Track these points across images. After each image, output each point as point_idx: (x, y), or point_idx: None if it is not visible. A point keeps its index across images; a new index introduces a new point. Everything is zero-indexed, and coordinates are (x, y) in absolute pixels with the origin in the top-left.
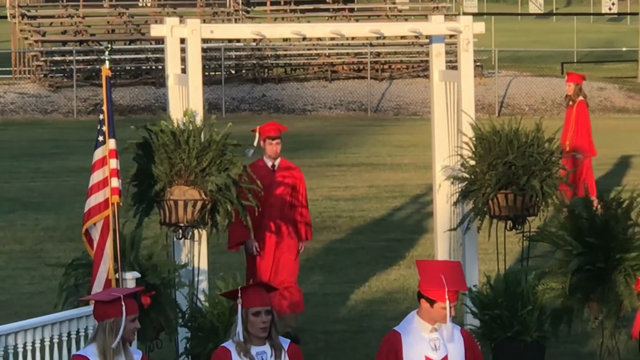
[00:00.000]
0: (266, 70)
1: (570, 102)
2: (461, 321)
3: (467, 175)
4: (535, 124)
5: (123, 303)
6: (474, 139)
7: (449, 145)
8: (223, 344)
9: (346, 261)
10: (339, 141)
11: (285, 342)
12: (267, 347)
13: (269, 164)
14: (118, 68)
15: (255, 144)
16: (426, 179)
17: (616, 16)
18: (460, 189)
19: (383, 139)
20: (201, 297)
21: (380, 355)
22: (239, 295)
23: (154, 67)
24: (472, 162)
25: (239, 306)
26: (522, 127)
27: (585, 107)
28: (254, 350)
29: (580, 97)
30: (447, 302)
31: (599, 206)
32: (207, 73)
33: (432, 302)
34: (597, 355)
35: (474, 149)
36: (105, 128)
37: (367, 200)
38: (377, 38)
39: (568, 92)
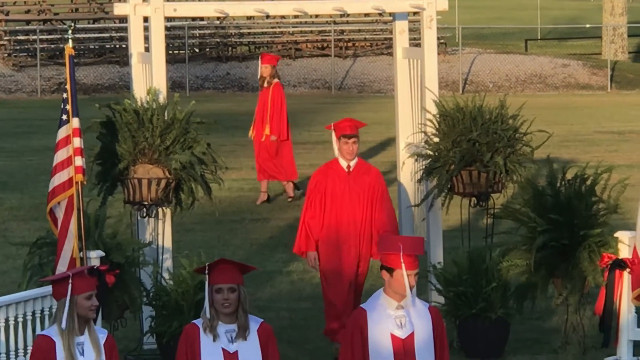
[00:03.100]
0: (230, 48)
1: (266, 84)
2: (426, 298)
3: (431, 153)
4: (499, 100)
5: (70, 281)
6: (437, 116)
7: (412, 122)
8: (193, 321)
9: None
10: (303, 119)
11: (256, 321)
12: (235, 325)
13: (344, 165)
14: (82, 47)
15: (334, 144)
16: (390, 157)
17: None
18: (424, 166)
19: (347, 116)
20: (165, 275)
21: (346, 332)
22: (207, 272)
23: (117, 46)
24: (436, 139)
25: (206, 283)
26: (486, 104)
27: (282, 89)
28: (223, 327)
29: (276, 80)
30: (403, 266)
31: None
32: (170, 51)
33: (391, 271)
34: (562, 331)
35: (437, 126)
36: (68, 107)
37: None
38: (341, 16)
39: (263, 74)
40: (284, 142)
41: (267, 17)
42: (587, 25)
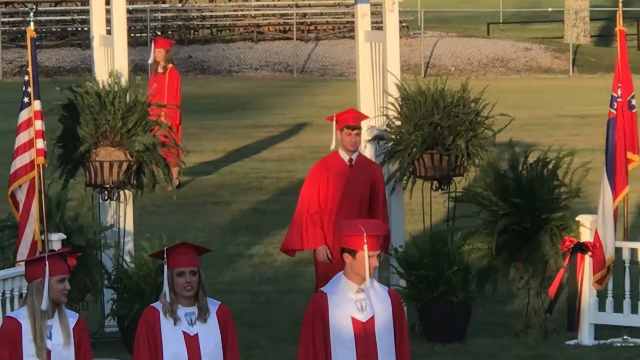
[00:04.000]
0: (192, 31)
1: (161, 69)
2: (387, 281)
3: (393, 136)
4: (461, 84)
5: (47, 262)
6: (399, 99)
7: (374, 105)
8: (152, 304)
9: (272, 222)
10: (265, 102)
11: (214, 304)
12: (195, 308)
13: (346, 158)
14: (44, 29)
15: (334, 134)
16: None
17: None
18: (385, 149)
19: (309, 99)
20: (127, 258)
21: (307, 316)
22: (165, 255)
23: (79, 29)
24: (398, 123)
25: (165, 267)
26: (448, 88)
27: (178, 74)
28: (183, 310)
29: (170, 64)
30: (366, 247)
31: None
32: (132, 34)
33: (354, 253)
34: (523, 314)
35: (399, 110)
36: (30, 89)
37: (293, 161)
38: None
39: (157, 58)
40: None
41: (229, 0)
42: (549, 9)
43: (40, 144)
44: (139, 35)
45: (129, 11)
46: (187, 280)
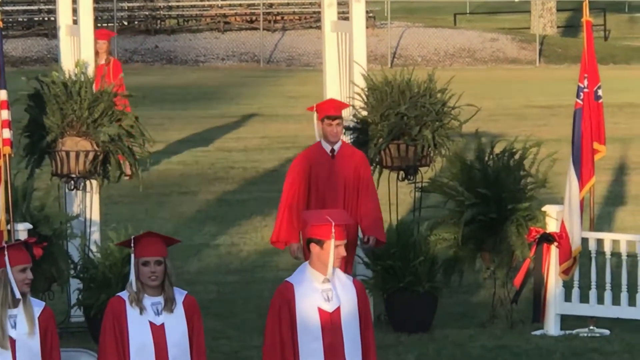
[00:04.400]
0: (159, 21)
1: (104, 61)
2: (354, 272)
3: (359, 126)
4: (427, 74)
5: (6, 253)
6: (366, 89)
7: (341, 96)
8: (118, 294)
9: (238, 212)
10: (232, 92)
11: (181, 294)
12: (162, 298)
13: (328, 148)
14: (10, 19)
15: (315, 124)
16: None
17: None
18: (352, 140)
19: (275, 90)
20: (93, 248)
21: (273, 307)
22: (132, 244)
23: (46, 19)
24: (364, 113)
25: (132, 256)
26: (415, 78)
27: (120, 65)
28: (149, 300)
29: (112, 56)
30: (334, 237)
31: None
32: (99, 24)
33: (321, 243)
34: (489, 305)
35: (366, 100)
36: None
37: (259, 151)
38: None
39: (99, 50)
40: None
41: None
42: (516, 0)
43: (6, 133)
44: (106, 25)
45: (95, 1)
46: (152, 270)
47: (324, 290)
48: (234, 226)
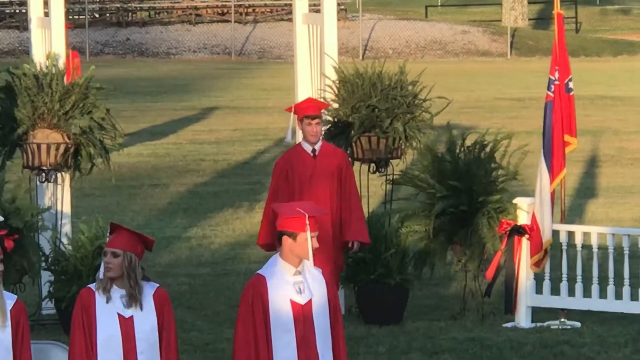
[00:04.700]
0: (130, 13)
1: None
2: None
3: (330, 118)
4: (398, 67)
5: None
6: (337, 82)
7: (312, 88)
8: (89, 285)
9: (210, 204)
10: (203, 85)
11: (152, 287)
12: (128, 291)
13: (309, 149)
14: None
15: (290, 125)
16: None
17: None
18: (323, 132)
19: (247, 82)
20: (64, 240)
21: (245, 299)
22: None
23: (17, 11)
24: (336, 105)
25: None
26: (386, 70)
27: (78, 55)
28: (118, 292)
29: (70, 48)
30: (308, 229)
31: None
32: (70, 16)
33: (294, 236)
34: (460, 297)
35: (337, 92)
36: None
37: (230, 143)
38: None
39: None
40: None
41: None
42: None
43: None
44: (77, 17)
45: None
46: (107, 261)
47: (296, 283)
48: (205, 218)
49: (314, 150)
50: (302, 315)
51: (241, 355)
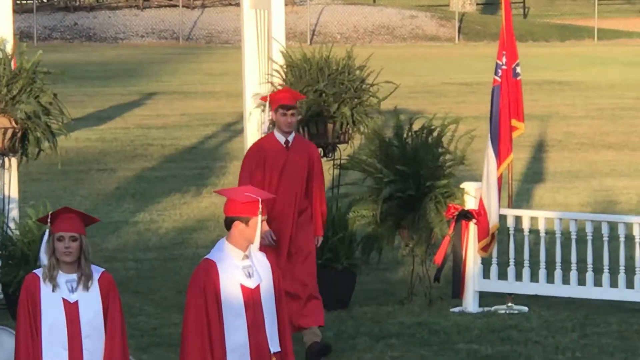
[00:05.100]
0: None
1: None
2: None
3: None
4: (346, 51)
5: None
6: (284, 66)
7: (259, 73)
8: (34, 271)
9: (157, 189)
10: (151, 69)
11: (97, 271)
12: (76, 275)
13: (282, 140)
14: None
15: (266, 115)
16: (237, 107)
17: None
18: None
19: (195, 67)
20: (12, 225)
21: (196, 284)
22: (49, 220)
23: None
24: None
25: (47, 232)
26: (333, 55)
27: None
28: (64, 277)
29: None
30: (260, 212)
31: None
32: (18, 1)
33: (247, 220)
34: (408, 282)
35: (284, 77)
36: None
37: (178, 128)
38: None
39: None
40: None
41: None
42: None
43: None
44: (25, 2)
45: None
46: (66, 246)
47: (245, 267)
48: (152, 203)
49: (287, 142)
50: (252, 300)
51: (193, 340)
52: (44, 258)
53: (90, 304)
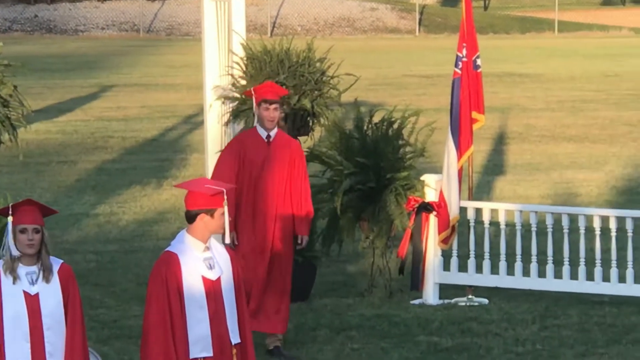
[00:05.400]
0: None
1: None
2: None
3: (238, 95)
4: (306, 44)
5: None
6: (245, 58)
7: (220, 65)
8: None
9: (118, 181)
10: (112, 62)
11: (57, 263)
12: (37, 267)
13: (264, 134)
14: None
15: (254, 110)
16: (198, 99)
17: None
18: (231, 109)
19: (155, 59)
20: None
21: (158, 276)
22: (10, 212)
23: None
24: (243, 82)
25: (9, 224)
26: (294, 47)
27: None
28: (24, 269)
29: None
30: (225, 203)
31: None
32: None
33: (212, 212)
34: (368, 274)
35: (245, 69)
36: None
37: (139, 120)
38: None
39: None
40: None
41: None
42: None
43: None
44: None
45: None
46: (30, 238)
47: (206, 259)
48: (113, 195)
49: (268, 137)
50: (213, 291)
51: (156, 332)
52: (13, 249)
53: (51, 296)
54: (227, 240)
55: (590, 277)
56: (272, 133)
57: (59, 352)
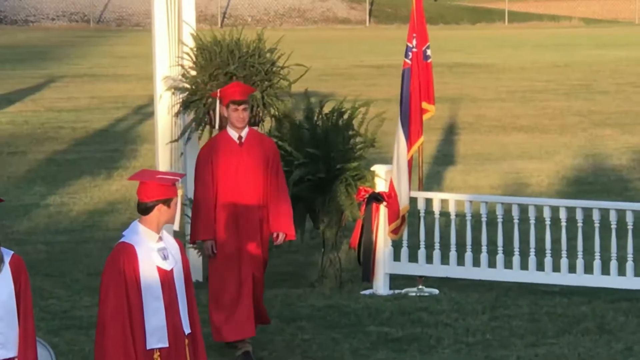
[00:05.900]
0: None
1: None
2: (183, 233)
3: (188, 86)
4: (257, 34)
5: None
6: (195, 49)
7: (170, 56)
8: None
9: (68, 172)
10: (62, 52)
11: (7, 254)
12: None
13: (235, 136)
14: None
15: (217, 111)
16: (148, 90)
17: None
18: (181, 100)
19: (105, 50)
20: None
21: (115, 267)
22: None
23: None
24: (193, 73)
25: None
26: (244, 38)
27: None
28: None
29: None
30: (180, 192)
31: None
32: None
33: (169, 202)
34: (319, 265)
35: (195, 60)
36: None
37: (89, 111)
38: None
39: None
40: None
41: None
42: None
43: None
44: None
45: None
46: None
47: (160, 249)
48: (63, 186)
49: (240, 138)
50: (168, 282)
51: (114, 323)
52: None
53: (3, 286)
54: (176, 227)
55: (540, 267)
56: (244, 133)
57: (10, 343)
